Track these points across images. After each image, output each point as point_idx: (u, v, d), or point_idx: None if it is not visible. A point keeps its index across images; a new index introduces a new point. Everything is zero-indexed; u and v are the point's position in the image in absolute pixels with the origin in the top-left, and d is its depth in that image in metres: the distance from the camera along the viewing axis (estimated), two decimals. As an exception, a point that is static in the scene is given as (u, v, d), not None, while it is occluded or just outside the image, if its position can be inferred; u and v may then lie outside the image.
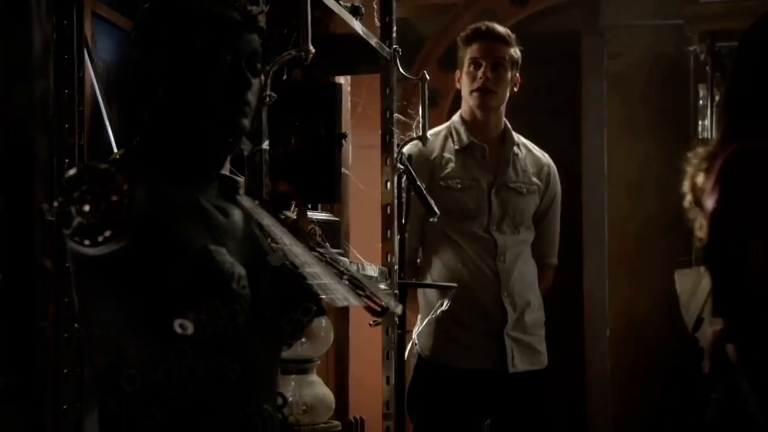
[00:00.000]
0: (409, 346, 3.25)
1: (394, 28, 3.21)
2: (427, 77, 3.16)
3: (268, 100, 2.25)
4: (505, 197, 3.49)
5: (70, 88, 2.11)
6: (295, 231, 1.80)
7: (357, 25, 2.89)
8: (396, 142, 3.16)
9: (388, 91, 3.17)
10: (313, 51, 2.31)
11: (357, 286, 1.72)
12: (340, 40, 2.96)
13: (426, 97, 3.15)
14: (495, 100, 3.48)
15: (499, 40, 3.48)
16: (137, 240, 1.55)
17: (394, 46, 3.17)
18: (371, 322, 2.75)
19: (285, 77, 2.82)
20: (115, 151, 1.87)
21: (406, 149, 3.25)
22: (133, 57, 1.70)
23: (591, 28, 5.70)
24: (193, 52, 1.67)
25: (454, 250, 3.43)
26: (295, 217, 2.48)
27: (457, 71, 3.55)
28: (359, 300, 1.71)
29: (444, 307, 3.13)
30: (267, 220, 1.76)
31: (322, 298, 1.71)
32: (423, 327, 3.31)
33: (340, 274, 1.72)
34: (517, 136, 3.58)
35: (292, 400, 2.70)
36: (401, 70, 3.17)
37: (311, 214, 2.74)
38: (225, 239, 1.66)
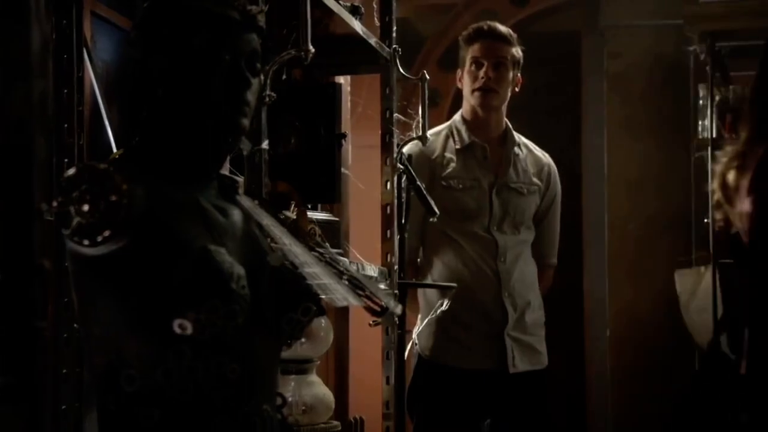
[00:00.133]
0: (409, 346, 3.25)
1: (394, 28, 3.20)
2: (427, 77, 3.16)
3: (267, 99, 2.25)
4: (505, 197, 3.48)
5: (69, 88, 2.10)
6: (294, 231, 1.80)
7: (357, 25, 2.89)
8: (396, 142, 3.16)
9: (387, 91, 3.17)
10: (313, 51, 2.31)
11: (357, 286, 1.72)
12: (340, 39, 2.95)
13: (426, 97, 3.14)
14: (496, 99, 3.47)
15: (501, 40, 3.47)
16: (136, 240, 1.54)
17: (394, 46, 3.17)
18: (371, 322, 2.74)
19: (285, 77, 2.81)
20: (115, 151, 1.86)
21: (407, 149, 3.25)
22: (132, 57, 1.70)
23: (591, 28, 5.70)
24: (192, 51, 1.67)
25: (455, 250, 3.43)
26: (294, 217, 2.47)
27: (459, 70, 3.54)
28: (359, 300, 1.71)
29: (444, 307, 3.13)
30: (266, 220, 1.76)
31: (322, 298, 1.71)
32: (423, 327, 3.31)
33: (340, 274, 1.72)
34: (517, 136, 3.57)
35: (291, 400, 2.70)
36: (401, 70, 3.16)
37: (311, 214, 2.74)
38: (224, 239, 1.66)
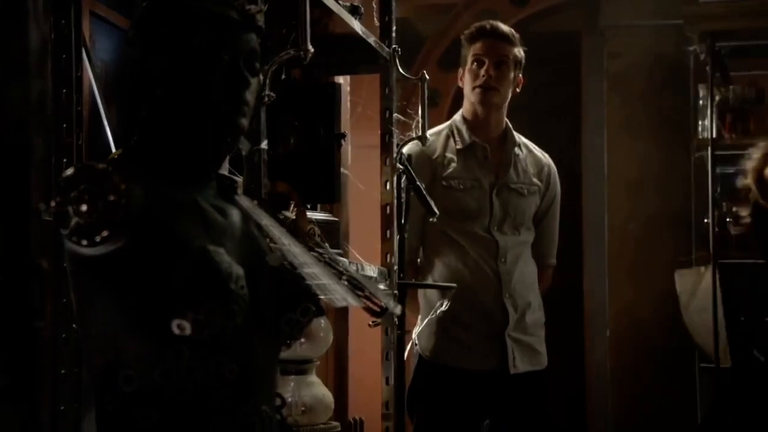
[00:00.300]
0: (409, 347, 3.24)
1: (394, 28, 3.20)
2: (426, 77, 3.15)
3: (266, 99, 2.24)
4: (506, 198, 3.47)
5: (68, 88, 2.10)
6: (294, 231, 1.79)
7: (356, 25, 2.88)
8: (395, 142, 3.16)
9: (387, 91, 3.16)
10: (312, 51, 2.30)
11: (356, 286, 1.71)
12: (340, 39, 2.95)
13: (425, 97, 3.14)
14: (497, 97, 3.46)
15: (503, 39, 3.46)
16: (135, 240, 1.54)
17: (394, 46, 3.17)
18: (370, 323, 2.74)
19: (284, 77, 2.81)
20: (114, 150, 1.86)
21: (407, 149, 3.24)
22: (130, 56, 1.70)
23: (591, 28, 5.69)
24: (191, 51, 1.66)
25: (456, 250, 3.42)
26: (294, 217, 2.47)
27: (460, 69, 3.53)
28: (358, 300, 1.71)
29: (444, 307, 3.12)
30: (266, 220, 1.75)
31: (321, 298, 1.70)
32: (423, 327, 3.30)
33: (339, 274, 1.72)
34: (518, 136, 3.56)
35: (291, 400, 2.69)
36: (401, 70, 3.16)
37: (310, 214, 2.73)
38: (223, 239, 1.66)
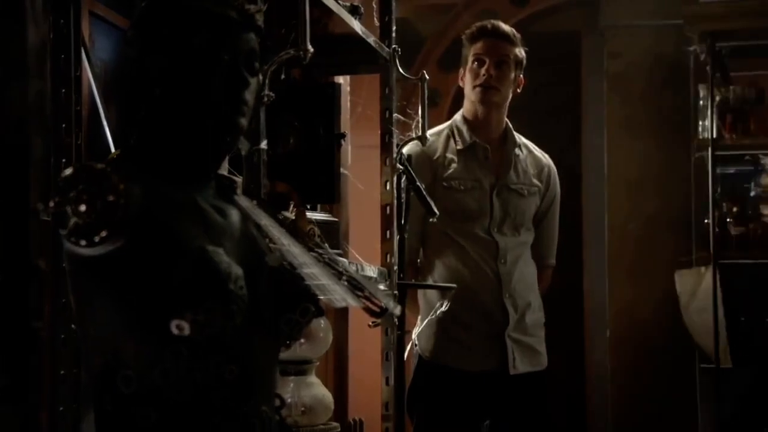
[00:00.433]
0: (409, 347, 3.24)
1: (394, 28, 3.20)
2: (426, 77, 3.15)
3: (266, 99, 2.24)
4: (506, 199, 3.47)
5: (67, 88, 2.09)
6: (293, 231, 1.79)
7: (356, 25, 2.88)
8: (395, 142, 3.15)
9: (387, 91, 3.16)
10: (312, 50, 2.30)
11: (356, 286, 1.71)
12: (339, 39, 2.94)
13: (425, 97, 3.13)
14: (497, 96, 3.45)
15: (504, 39, 3.46)
16: (134, 240, 1.53)
17: (394, 46, 3.16)
18: (370, 323, 2.74)
19: (283, 77, 2.80)
20: (113, 150, 1.86)
21: (407, 149, 3.24)
22: (129, 56, 1.69)
23: (591, 28, 5.69)
24: (191, 51, 1.66)
25: (456, 251, 3.42)
26: (293, 217, 2.47)
27: (461, 69, 3.52)
28: (358, 301, 1.70)
29: (444, 308, 3.12)
30: (265, 221, 1.75)
31: (321, 298, 1.70)
32: (423, 328, 3.30)
33: (339, 274, 1.71)
34: (518, 137, 3.56)
35: (290, 401, 2.69)
36: (401, 70, 3.16)
37: (310, 215, 2.73)
38: (222, 240, 1.65)
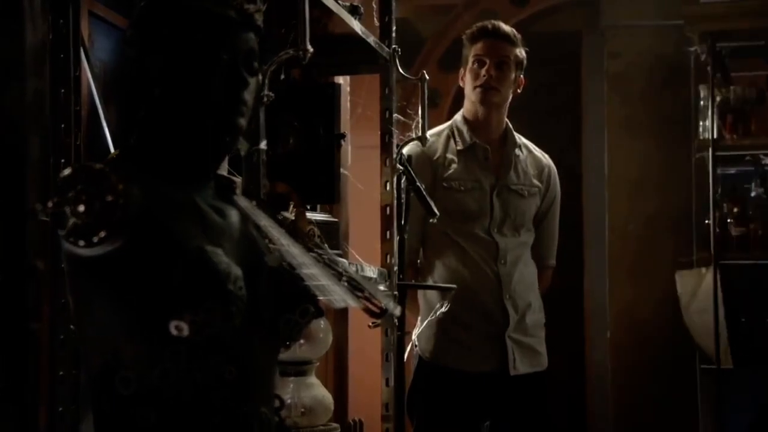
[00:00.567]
0: (409, 348, 3.23)
1: (394, 28, 3.19)
2: (426, 77, 3.15)
3: (266, 99, 2.24)
4: (506, 199, 3.46)
5: (66, 88, 2.09)
6: (293, 232, 1.78)
7: (356, 25, 2.87)
8: (395, 142, 3.15)
9: (387, 92, 3.15)
10: (312, 50, 2.30)
11: (355, 287, 1.70)
12: (339, 39, 2.94)
13: (425, 97, 3.13)
14: (497, 96, 3.44)
15: (505, 39, 3.45)
16: (132, 240, 1.53)
17: (394, 46, 3.16)
18: (370, 324, 2.73)
19: (283, 77, 2.80)
20: (112, 151, 1.85)
21: (407, 150, 3.23)
22: (128, 56, 1.69)
23: (591, 28, 5.69)
24: (190, 51, 1.65)
25: (456, 251, 3.41)
26: (293, 217, 2.46)
27: (461, 69, 3.52)
28: (358, 301, 1.70)
29: (444, 308, 3.12)
30: (265, 221, 1.74)
31: (320, 299, 1.70)
32: (423, 329, 3.30)
33: (339, 275, 1.71)
34: (518, 137, 3.55)
35: (290, 402, 2.69)
36: (401, 70, 3.15)
37: (310, 215, 2.73)
38: (221, 240, 1.65)
